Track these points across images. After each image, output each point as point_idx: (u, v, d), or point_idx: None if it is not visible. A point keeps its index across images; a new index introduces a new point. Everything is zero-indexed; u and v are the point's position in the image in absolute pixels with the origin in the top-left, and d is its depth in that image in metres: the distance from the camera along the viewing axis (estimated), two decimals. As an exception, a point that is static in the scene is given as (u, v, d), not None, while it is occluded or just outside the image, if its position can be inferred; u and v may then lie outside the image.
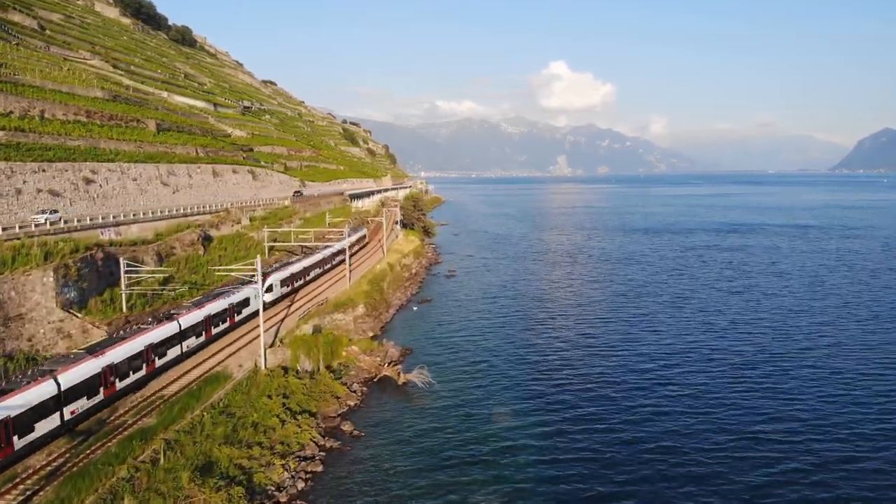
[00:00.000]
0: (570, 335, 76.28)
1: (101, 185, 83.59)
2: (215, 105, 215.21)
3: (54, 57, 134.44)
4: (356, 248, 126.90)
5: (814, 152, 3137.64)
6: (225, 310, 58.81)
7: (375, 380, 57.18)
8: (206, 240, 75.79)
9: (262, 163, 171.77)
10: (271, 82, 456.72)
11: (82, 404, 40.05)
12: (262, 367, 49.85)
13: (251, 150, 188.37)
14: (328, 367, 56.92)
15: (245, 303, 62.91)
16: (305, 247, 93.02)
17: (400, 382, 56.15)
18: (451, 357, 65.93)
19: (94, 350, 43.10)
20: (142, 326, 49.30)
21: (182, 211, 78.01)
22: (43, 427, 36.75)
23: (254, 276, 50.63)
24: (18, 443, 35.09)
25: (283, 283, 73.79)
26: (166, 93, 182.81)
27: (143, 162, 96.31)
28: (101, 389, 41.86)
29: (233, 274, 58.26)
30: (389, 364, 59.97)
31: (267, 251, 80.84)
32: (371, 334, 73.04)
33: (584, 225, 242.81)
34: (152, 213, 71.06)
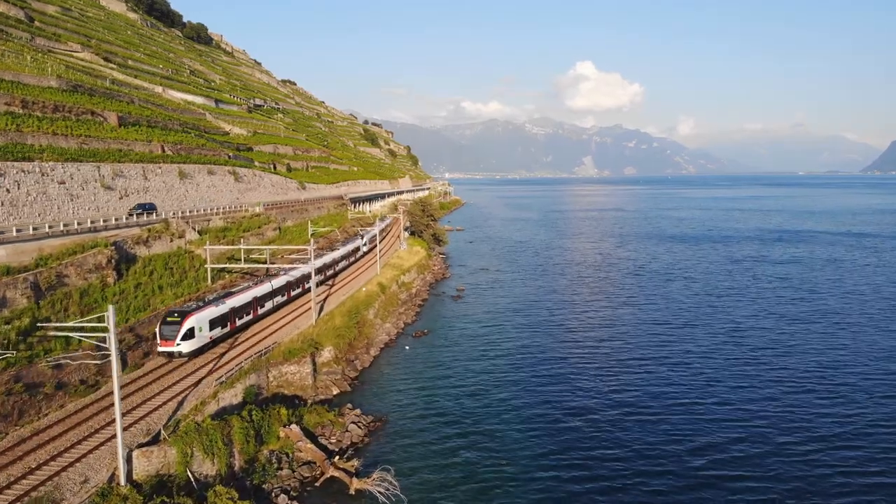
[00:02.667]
0: (602, 393, 56.90)
1: (7, 190, 66.07)
2: (217, 102, 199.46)
3: (19, 45, 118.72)
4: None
5: (845, 153, 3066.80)
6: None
7: (317, 483, 38.48)
8: (127, 261, 57.98)
9: (257, 163, 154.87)
10: (290, 82, 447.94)
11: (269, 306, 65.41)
12: (122, 482, 31.45)
13: (250, 149, 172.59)
14: (250, 462, 38.42)
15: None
16: (276, 267, 74.54)
17: (352, 490, 37.35)
18: (438, 437, 46.52)
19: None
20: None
21: (90, 224, 59.79)
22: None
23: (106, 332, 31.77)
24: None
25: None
26: (161, 87, 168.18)
27: (77, 160, 78.81)
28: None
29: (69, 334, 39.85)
30: (342, 456, 41.27)
31: (210, 276, 62.61)
32: (336, 391, 54.36)
33: (613, 231, 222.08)
34: (34, 228, 53.04)
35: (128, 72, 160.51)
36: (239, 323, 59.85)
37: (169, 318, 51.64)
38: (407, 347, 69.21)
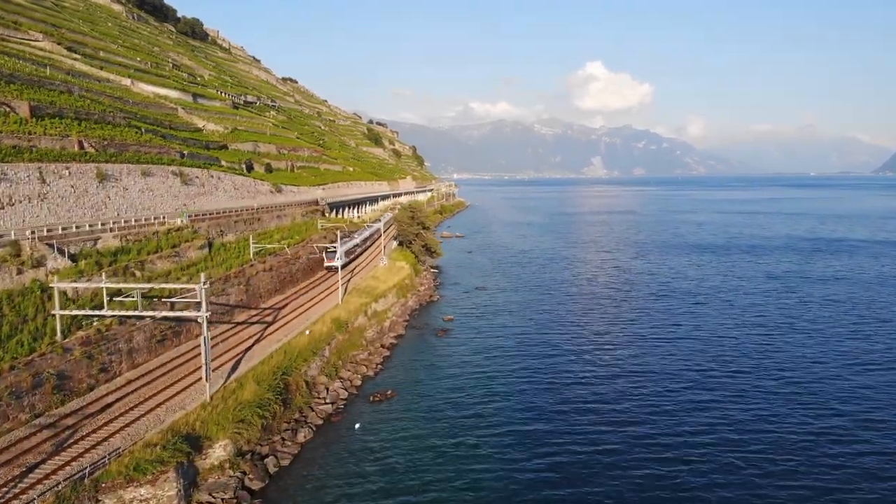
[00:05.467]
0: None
1: None
2: (196, 96, 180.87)
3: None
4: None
5: (857, 154, 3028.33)
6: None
7: None
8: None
9: (224, 162, 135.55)
10: (291, 80, 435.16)
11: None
12: None
13: (224, 147, 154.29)
14: None
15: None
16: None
17: None
18: None
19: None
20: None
21: None
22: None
23: None
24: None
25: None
26: (129, 80, 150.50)
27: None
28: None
29: None
30: None
31: (61, 326, 42.36)
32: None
33: (627, 238, 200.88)
34: None
35: (94, 63, 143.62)
36: (352, 256, 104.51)
37: (329, 249, 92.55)
38: (357, 425, 48.55)
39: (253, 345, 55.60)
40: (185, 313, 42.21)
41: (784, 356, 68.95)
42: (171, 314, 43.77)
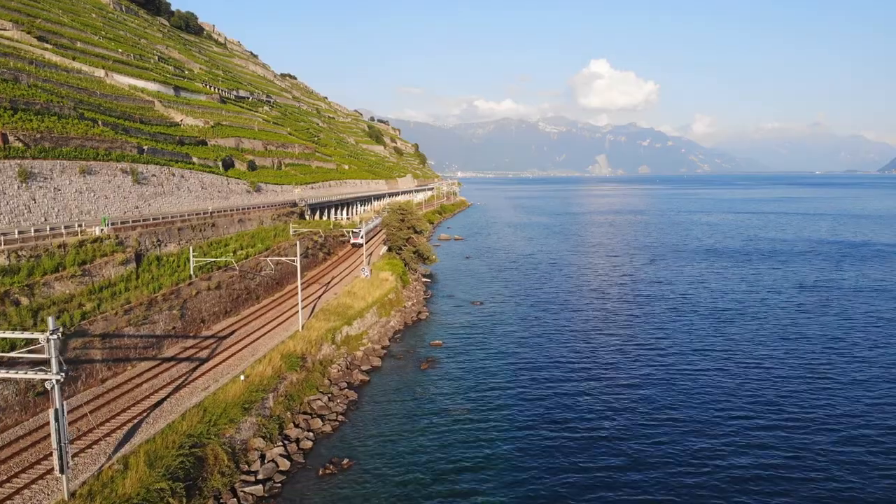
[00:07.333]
0: None
1: None
2: (178, 89, 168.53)
3: None
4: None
5: (864, 153, 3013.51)
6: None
7: None
8: None
9: (196, 159, 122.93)
10: (290, 76, 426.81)
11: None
12: None
13: (204, 142, 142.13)
14: None
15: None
16: None
17: None
18: None
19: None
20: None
21: None
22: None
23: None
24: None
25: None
26: (103, 71, 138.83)
27: None
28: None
29: None
30: None
31: None
32: None
33: (637, 241, 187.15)
34: None
35: (66, 53, 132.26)
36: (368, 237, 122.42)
37: (354, 230, 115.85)
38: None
39: (170, 395, 42.71)
40: (28, 375, 29.40)
41: (836, 385, 55.89)
42: (7, 376, 30.92)
